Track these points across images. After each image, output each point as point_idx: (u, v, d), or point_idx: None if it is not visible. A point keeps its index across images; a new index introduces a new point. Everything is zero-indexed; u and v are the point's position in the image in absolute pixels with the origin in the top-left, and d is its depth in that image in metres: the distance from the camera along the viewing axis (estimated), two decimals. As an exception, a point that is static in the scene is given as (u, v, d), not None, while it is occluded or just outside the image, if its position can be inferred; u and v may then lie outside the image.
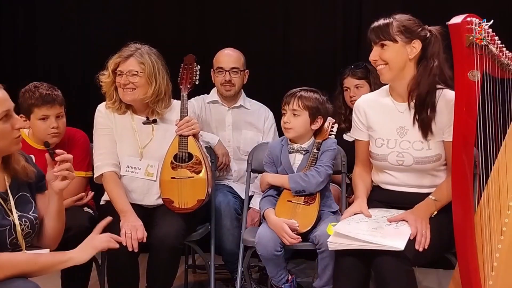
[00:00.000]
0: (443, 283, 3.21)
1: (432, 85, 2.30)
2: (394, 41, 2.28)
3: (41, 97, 2.64)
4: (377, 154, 2.43)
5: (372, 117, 2.46)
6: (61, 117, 2.72)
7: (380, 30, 2.29)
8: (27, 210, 2.02)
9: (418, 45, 2.29)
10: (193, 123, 2.67)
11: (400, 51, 2.29)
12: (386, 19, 2.31)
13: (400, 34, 2.27)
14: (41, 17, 4.06)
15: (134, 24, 3.97)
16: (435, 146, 2.34)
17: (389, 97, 2.44)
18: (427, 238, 2.14)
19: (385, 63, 2.31)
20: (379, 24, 2.31)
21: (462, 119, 1.99)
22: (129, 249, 2.40)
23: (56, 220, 2.06)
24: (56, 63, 4.01)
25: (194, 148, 2.66)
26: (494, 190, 2.18)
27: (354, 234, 2.13)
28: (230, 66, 3.20)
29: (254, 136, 3.27)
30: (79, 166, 2.75)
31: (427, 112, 2.31)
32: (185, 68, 2.81)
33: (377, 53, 2.31)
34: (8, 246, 1.93)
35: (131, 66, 2.65)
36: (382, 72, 2.34)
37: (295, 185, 2.52)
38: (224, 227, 2.95)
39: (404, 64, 2.31)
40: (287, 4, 3.85)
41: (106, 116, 2.75)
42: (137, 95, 2.66)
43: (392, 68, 2.31)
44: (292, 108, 2.58)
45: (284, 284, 2.53)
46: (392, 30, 2.27)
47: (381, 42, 2.29)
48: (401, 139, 2.38)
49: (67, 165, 1.99)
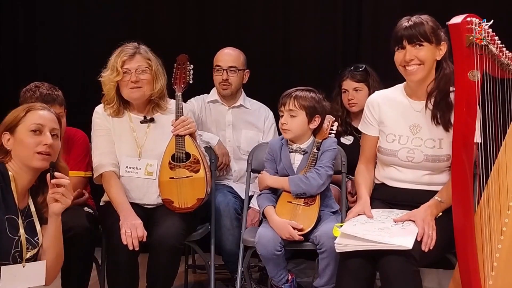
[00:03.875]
0: (443, 283, 3.21)
1: (449, 86, 2.32)
2: (430, 42, 2.29)
3: (41, 97, 2.64)
4: (387, 149, 2.44)
5: (385, 112, 2.48)
6: (61, 117, 2.72)
7: (418, 30, 2.28)
8: (33, 236, 2.06)
9: (444, 48, 2.31)
10: (189, 122, 2.66)
11: (433, 52, 2.31)
12: (418, 18, 2.31)
13: (432, 35, 2.29)
14: (41, 17, 4.06)
15: (134, 24, 3.97)
16: (446, 146, 2.35)
17: (404, 95, 2.46)
18: (433, 239, 2.15)
19: (420, 63, 2.31)
20: (415, 23, 2.30)
21: (462, 119, 1.99)
22: (130, 247, 2.40)
23: (51, 247, 2.07)
24: (56, 63, 4.00)
25: (192, 147, 2.65)
26: (494, 190, 2.18)
27: (361, 234, 2.13)
28: (228, 65, 3.20)
29: (254, 136, 3.26)
30: (79, 166, 2.76)
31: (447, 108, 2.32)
32: (178, 68, 2.79)
33: (414, 53, 2.31)
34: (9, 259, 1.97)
35: (139, 62, 2.67)
36: (415, 72, 2.33)
37: (296, 188, 2.51)
38: (224, 227, 2.94)
39: (433, 65, 2.34)
40: (287, 4, 3.85)
41: (103, 117, 2.75)
42: (145, 91, 2.68)
43: (426, 68, 2.32)
44: (288, 108, 2.58)
45: (284, 284, 2.53)
46: (428, 31, 2.28)
47: (419, 42, 2.29)
48: (413, 136, 2.40)
49: (61, 189, 2.00)
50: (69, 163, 2.72)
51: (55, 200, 2.00)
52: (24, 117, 2.08)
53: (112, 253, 2.50)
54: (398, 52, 2.34)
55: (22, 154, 2.05)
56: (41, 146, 2.04)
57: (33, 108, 2.12)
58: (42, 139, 2.06)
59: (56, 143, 2.09)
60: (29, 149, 2.04)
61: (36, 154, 2.04)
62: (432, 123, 2.37)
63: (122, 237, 2.41)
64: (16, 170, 2.06)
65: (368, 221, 2.28)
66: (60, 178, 2.00)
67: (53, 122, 2.12)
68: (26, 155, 2.05)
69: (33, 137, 2.06)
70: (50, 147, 2.05)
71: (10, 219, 2.00)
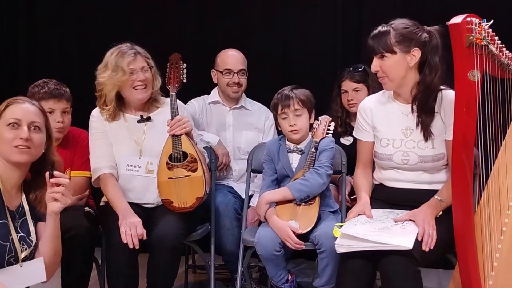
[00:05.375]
0: (443, 283, 3.21)
1: (435, 88, 2.31)
2: (393, 53, 2.28)
3: (49, 91, 2.69)
4: (382, 153, 2.44)
5: (378, 117, 2.48)
6: (67, 113, 2.75)
7: (379, 41, 2.28)
8: (27, 234, 2.05)
9: (418, 53, 2.28)
10: (184, 122, 2.66)
11: (399, 61, 2.29)
12: (384, 27, 2.30)
13: (398, 44, 2.26)
14: (41, 17, 4.06)
15: (134, 24, 3.97)
16: (439, 145, 2.36)
17: (393, 99, 2.46)
18: (434, 239, 2.15)
19: (384, 76, 2.33)
20: (377, 34, 2.30)
21: (462, 119, 1.99)
22: (130, 246, 2.40)
23: (49, 245, 2.06)
24: (56, 64, 4.01)
25: (188, 147, 2.65)
26: (494, 190, 2.19)
27: (362, 235, 2.13)
28: (238, 68, 3.20)
29: (254, 137, 3.27)
30: (83, 166, 2.77)
31: (426, 115, 2.33)
32: (171, 68, 2.77)
33: (378, 64, 2.32)
34: (4, 264, 1.96)
35: (142, 63, 2.69)
36: (384, 82, 2.36)
37: (300, 194, 2.49)
38: (224, 227, 2.94)
39: (405, 73, 2.32)
40: (287, 4, 3.85)
41: (100, 120, 2.75)
42: (149, 90, 2.71)
43: (393, 79, 2.32)
44: (294, 108, 2.59)
45: (284, 284, 2.53)
46: (390, 41, 2.26)
47: (381, 53, 2.29)
48: (406, 139, 2.40)
49: (60, 188, 1.98)
50: (74, 164, 2.75)
51: (54, 199, 1.99)
52: (4, 111, 2.06)
53: (112, 253, 2.50)
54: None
55: (2, 148, 2.03)
56: (18, 140, 2.01)
57: (13, 102, 2.09)
58: (18, 132, 2.02)
59: (36, 136, 2.05)
60: (7, 143, 2.02)
61: (14, 148, 2.01)
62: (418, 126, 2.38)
63: (122, 236, 2.41)
64: (2, 168, 2.04)
65: (368, 221, 2.28)
66: (59, 178, 1.99)
67: (32, 114, 2.07)
68: (5, 149, 2.02)
69: (10, 131, 2.03)
70: (28, 140, 2.02)
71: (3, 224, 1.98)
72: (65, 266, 2.52)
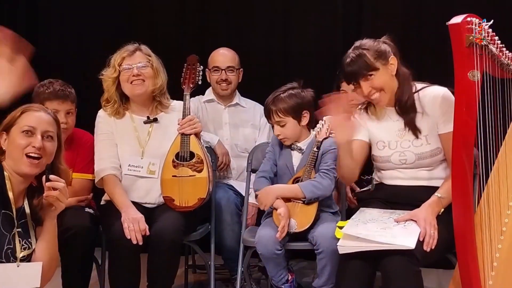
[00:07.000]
0: (443, 283, 3.21)
1: (410, 88, 2.38)
2: (376, 69, 2.32)
3: (54, 92, 2.70)
4: (380, 156, 2.46)
5: (371, 121, 2.50)
6: (71, 114, 2.76)
7: (359, 65, 2.31)
8: (26, 237, 2.05)
9: (394, 60, 2.35)
10: (195, 122, 2.69)
11: (385, 73, 2.34)
12: (356, 52, 2.34)
13: (377, 60, 2.32)
14: (41, 17, 4.06)
15: (133, 24, 3.97)
16: (433, 140, 2.38)
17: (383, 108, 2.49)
18: (435, 239, 2.15)
19: (379, 90, 2.35)
20: (352, 60, 2.32)
21: (462, 119, 1.99)
22: (133, 242, 2.41)
23: (45, 250, 2.05)
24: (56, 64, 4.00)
25: (196, 147, 2.67)
26: (494, 190, 2.18)
27: (364, 235, 2.13)
28: (226, 65, 3.23)
29: (251, 133, 3.29)
30: (86, 168, 2.77)
31: (408, 113, 2.38)
32: (188, 68, 2.82)
33: (367, 85, 2.34)
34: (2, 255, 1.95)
35: (139, 58, 2.71)
36: (380, 99, 2.37)
37: (312, 195, 2.49)
38: (225, 222, 2.95)
39: (393, 80, 2.37)
40: (287, 4, 3.85)
41: (106, 120, 2.77)
42: (147, 86, 2.71)
43: (388, 91, 2.36)
44: (275, 120, 2.59)
45: (284, 284, 2.53)
46: (370, 61, 2.31)
47: (367, 75, 2.32)
48: (401, 139, 2.42)
49: (55, 193, 1.97)
50: (76, 166, 2.75)
51: (49, 203, 2.00)
52: (19, 117, 2.07)
53: (113, 249, 2.51)
54: (355, 87, 2.37)
55: (13, 155, 2.03)
56: (30, 148, 2.01)
57: (29, 109, 2.10)
58: (32, 140, 2.03)
59: (48, 145, 2.06)
60: (19, 150, 2.02)
61: (25, 156, 2.01)
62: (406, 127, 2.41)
63: (125, 231, 2.42)
64: (10, 171, 2.05)
65: (369, 221, 2.28)
66: (55, 181, 1.98)
67: (47, 124, 2.08)
68: (15, 156, 2.03)
69: (24, 138, 2.03)
70: (40, 149, 2.02)
71: (5, 215, 1.99)
72: (65, 266, 2.52)
